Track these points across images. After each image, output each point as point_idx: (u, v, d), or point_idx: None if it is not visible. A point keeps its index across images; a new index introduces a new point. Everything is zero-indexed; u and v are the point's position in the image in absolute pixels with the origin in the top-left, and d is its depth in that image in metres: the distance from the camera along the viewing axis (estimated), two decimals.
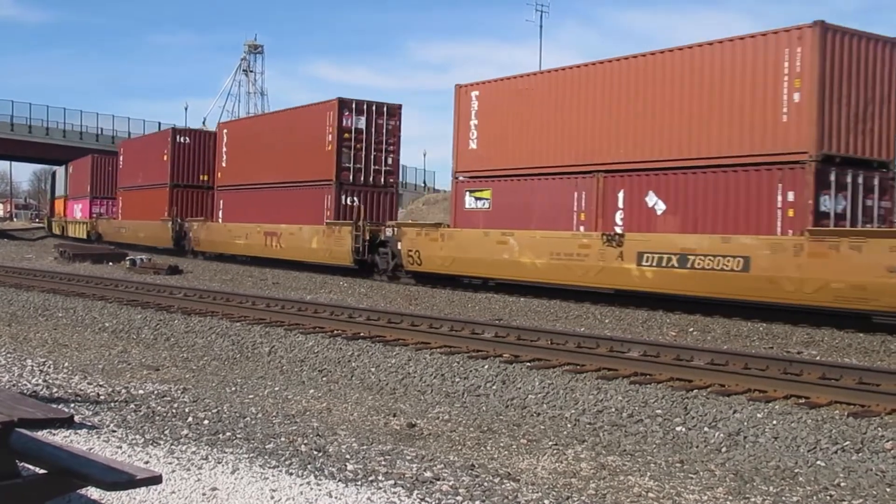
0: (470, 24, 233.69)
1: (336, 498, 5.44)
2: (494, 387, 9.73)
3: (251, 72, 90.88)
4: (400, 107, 28.13)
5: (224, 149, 34.12)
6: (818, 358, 11.63)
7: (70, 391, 8.76)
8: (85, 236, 48.23)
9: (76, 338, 13.39)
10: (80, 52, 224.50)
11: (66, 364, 10.65)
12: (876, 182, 16.48)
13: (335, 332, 12.99)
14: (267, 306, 15.91)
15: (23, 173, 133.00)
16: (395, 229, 24.52)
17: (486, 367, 10.35)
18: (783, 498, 6.20)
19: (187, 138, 37.73)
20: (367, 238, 25.18)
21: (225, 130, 35.03)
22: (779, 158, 16.00)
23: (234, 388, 9.62)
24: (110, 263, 31.07)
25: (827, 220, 15.71)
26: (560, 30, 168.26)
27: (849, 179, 16.04)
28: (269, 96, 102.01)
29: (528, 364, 10.49)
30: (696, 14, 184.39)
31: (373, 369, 10.83)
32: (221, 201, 34.21)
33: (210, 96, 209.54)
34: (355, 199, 27.05)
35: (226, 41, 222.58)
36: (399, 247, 24.01)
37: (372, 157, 27.49)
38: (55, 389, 8.78)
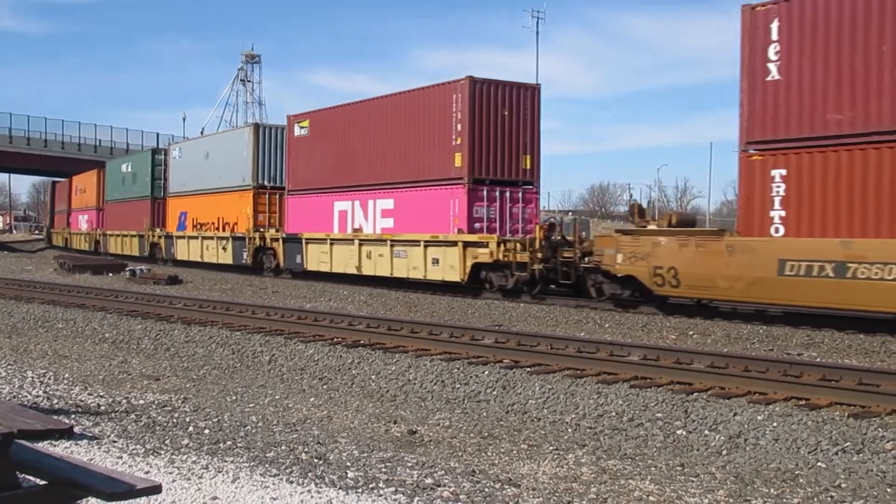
0: (469, 32, 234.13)
1: None
2: (495, 392, 9.73)
3: (248, 81, 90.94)
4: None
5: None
6: (818, 360, 11.63)
7: (70, 402, 8.75)
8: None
9: (76, 349, 13.39)
10: (77, 64, 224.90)
11: (67, 375, 10.65)
12: None
13: (335, 339, 12.99)
14: (267, 315, 15.91)
15: (22, 185, 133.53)
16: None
17: (487, 372, 10.35)
18: (784, 500, 6.20)
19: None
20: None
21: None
22: None
23: (234, 397, 9.62)
24: (110, 274, 31.07)
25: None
26: (561, 35, 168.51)
27: None
28: (266, 106, 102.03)
29: (529, 369, 10.49)
30: (697, 18, 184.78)
31: (373, 376, 10.84)
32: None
33: (208, 106, 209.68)
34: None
35: (223, 50, 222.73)
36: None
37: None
38: (55, 401, 8.78)
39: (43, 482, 4.26)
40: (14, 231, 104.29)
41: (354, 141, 25.82)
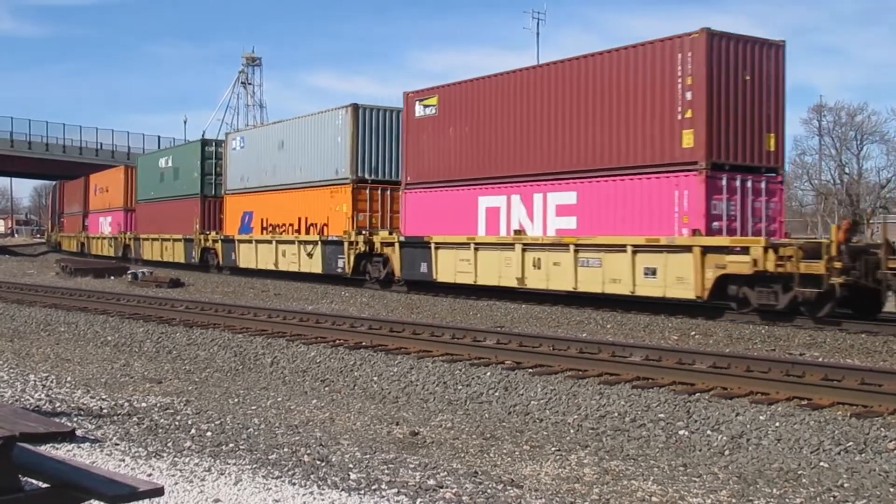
0: (469, 33, 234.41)
1: None
2: (497, 394, 9.72)
3: (249, 84, 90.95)
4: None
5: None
6: (820, 359, 11.62)
7: (73, 405, 8.76)
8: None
9: (78, 352, 13.39)
10: (78, 67, 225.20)
11: (69, 378, 10.66)
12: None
13: (337, 341, 13.00)
14: (269, 317, 15.92)
15: (23, 189, 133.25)
16: None
17: (489, 374, 10.35)
18: (787, 500, 6.20)
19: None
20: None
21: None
22: None
23: (236, 400, 9.63)
24: (112, 277, 31.09)
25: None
26: (561, 36, 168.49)
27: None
28: (267, 108, 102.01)
29: (531, 370, 10.49)
30: (698, 18, 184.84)
31: (375, 378, 10.84)
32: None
33: (209, 109, 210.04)
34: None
35: (224, 53, 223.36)
36: None
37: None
38: (58, 404, 8.79)
39: (45, 485, 4.26)
40: (16, 235, 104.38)
41: (508, 119, 20.56)
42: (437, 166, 22.53)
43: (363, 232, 24.92)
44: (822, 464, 7.12)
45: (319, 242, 26.58)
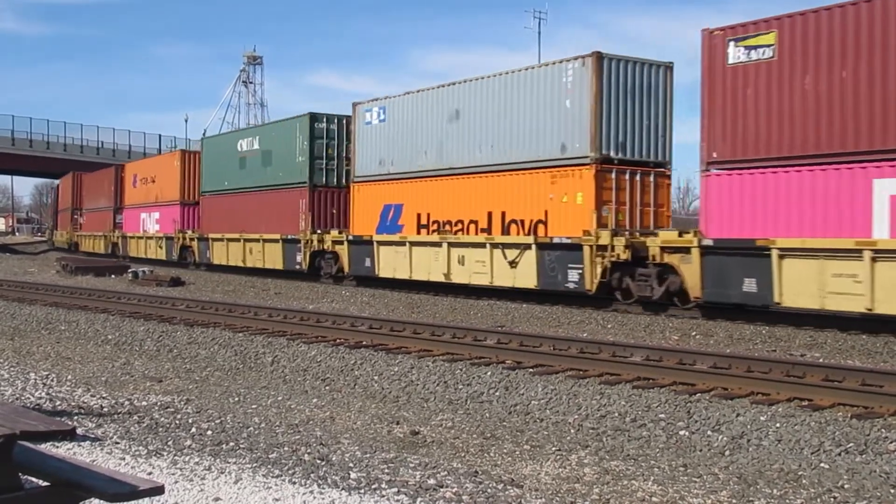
0: (471, 32, 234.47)
1: None
2: (497, 393, 9.72)
3: (250, 83, 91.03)
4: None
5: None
6: (821, 360, 11.62)
7: (73, 404, 8.76)
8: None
9: (79, 350, 13.40)
10: (79, 66, 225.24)
11: (70, 377, 10.66)
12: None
13: (338, 340, 13.00)
14: (269, 316, 15.92)
15: (24, 187, 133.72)
16: None
17: (489, 373, 10.35)
18: (787, 501, 6.19)
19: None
20: None
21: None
22: None
23: (237, 399, 9.63)
24: (112, 276, 31.10)
25: None
26: (561, 36, 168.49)
27: None
28: (268, 107, 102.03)
29: (531, 370, 10.49)
30: (698, 19, 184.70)
31: (376, 377, 10.83)
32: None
33: (210, 107, 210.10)
34: None
35: (225, 52, 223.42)
36: None
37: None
38: (58, 402, 8.79)
39: (45, 483, 4.26)
40: (17, 233, 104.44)
41: None
42: (776, 135, 15.39)
43: (624, 233, 17.97)
44: (822, 465, 7.11)
45: (534, 246, 19.52)
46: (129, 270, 30.57)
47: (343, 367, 11.40)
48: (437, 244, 22.18)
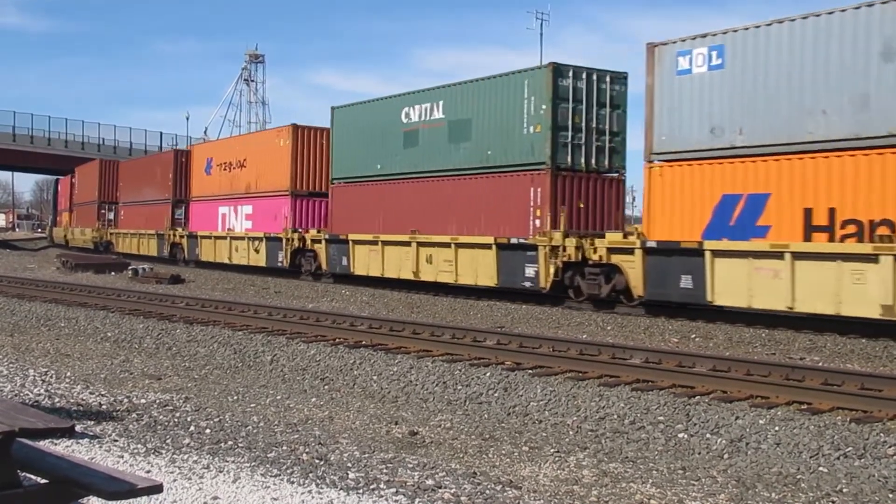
0: (474, 32, 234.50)
1: None
2: (496, 394, 9.72)
3: (252, 81, 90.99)
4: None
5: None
6: (820, 364, 11.61)
7: (72, 401, 8.76)
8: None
9: (78, 347, 13.39)
10: (81, 62, 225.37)
11: (69, 374, 10.66)
12: None
13: (337, 340, 12.99)
14: (269, 315, 15.92)
15: (25, 184, 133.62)
16: None
17: (488, 374, 10.35)
18: None
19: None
20: None
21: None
22: None
23: (236, 397, 9.62)
24: (112, 273, 31.09)
25: None
26: (564, 36, 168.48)
27: None
28: (270, 105, 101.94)
29: (531, 371, 10.48)
30: (698, 19, 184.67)
31: (375, 377, 10.83)
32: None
33: (211, 105, 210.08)
34: None
35: (227, 50, 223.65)
36: None
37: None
38: (57, 399, 8.79)
39: (44, 481, 4.26)
40: (17, 229, 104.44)
41: None
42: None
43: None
44: (821, 468, 7.11)
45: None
46: (129, 268, 30.55)
47: (342, 367, 11.40)
48: (872, 258, 13.66)
